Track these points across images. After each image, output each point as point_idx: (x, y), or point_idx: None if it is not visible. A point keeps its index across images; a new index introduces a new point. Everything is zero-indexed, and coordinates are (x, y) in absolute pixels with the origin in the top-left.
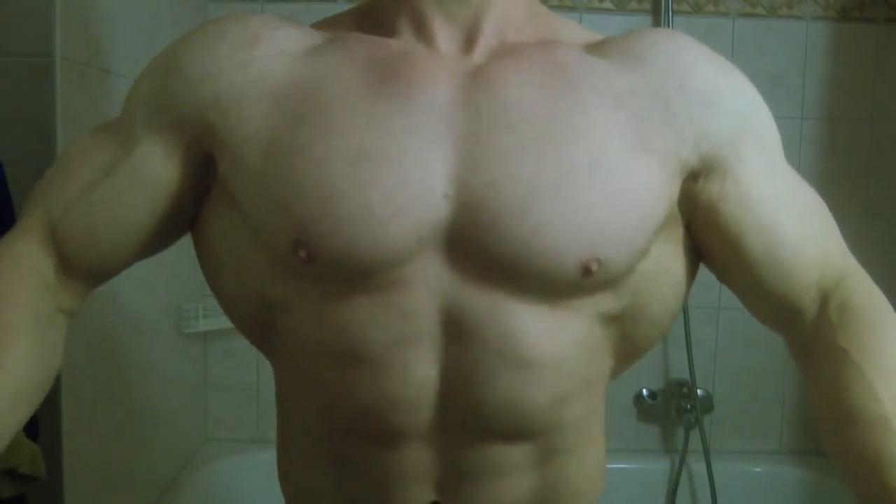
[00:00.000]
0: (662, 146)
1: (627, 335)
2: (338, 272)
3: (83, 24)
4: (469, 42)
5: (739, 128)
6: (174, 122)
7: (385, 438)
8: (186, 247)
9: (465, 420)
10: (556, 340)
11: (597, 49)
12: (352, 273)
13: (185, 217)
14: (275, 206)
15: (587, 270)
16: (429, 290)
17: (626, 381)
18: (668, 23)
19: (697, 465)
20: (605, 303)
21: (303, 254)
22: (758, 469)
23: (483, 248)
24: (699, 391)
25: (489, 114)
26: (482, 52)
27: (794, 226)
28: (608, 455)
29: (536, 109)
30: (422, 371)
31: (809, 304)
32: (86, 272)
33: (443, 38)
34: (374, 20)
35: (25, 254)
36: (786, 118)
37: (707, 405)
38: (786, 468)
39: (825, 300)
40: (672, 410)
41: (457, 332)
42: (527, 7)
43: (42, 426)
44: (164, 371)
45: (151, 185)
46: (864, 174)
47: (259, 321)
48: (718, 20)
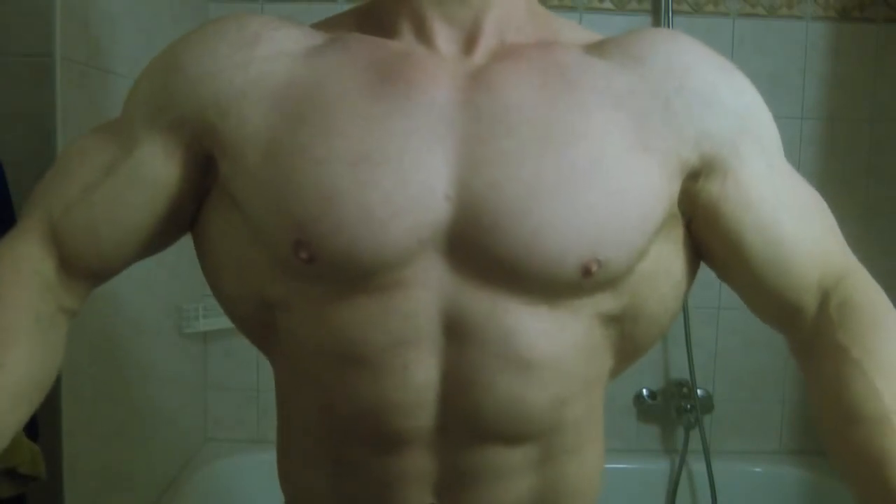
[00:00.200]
0: (662, 146)
1: (627, 335)
2: (338, 273)
3: (83, 24)
4: (469, 43)
5: (739, 128)
6: (174, 122)
7: (384, 441)
8: (186, 247)
9: (466, 423)
10: (556, 341)
11: (597, 49)
12: (352, 274)
13: (186, 217)
14: (275, 207)
15: (587, 271)
16: (429, 292)
17: (626, 381)
18: (668, 23)
19: (697, 465)
20: (605, 303)
21: (304, 254)
22: (758, 469)
23: (483, 250)
24: (699, 391)
25: (490, 115)
26: (482, 54)
27: (795, 225)
28: (608, 455)
29: (537, 111)
30: (422, 374)
31: (810, 303)
32: (87, 272)
33: (443, 40)
34: (375, 21)
35: (26, 254)
36: (786, 118)
37: (707, 405)
38: (786, 468)
39: (826, 298)
40: (672, 410)
41: (457, 334)
42: (527, 8)
43: (42, 426)
44: (164, 371)
45: (152, 186)
46: (864, 174)
47: (259, 321)
48: (718, 20)
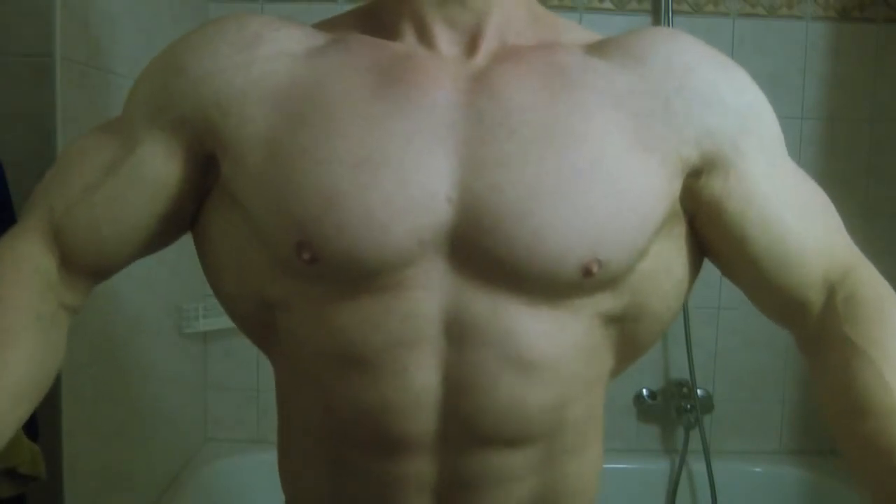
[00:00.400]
0: (663, 146)
1: (628, 334)
2: (340, 274)
3: (83, 24)
4: (471, 46)
5: (740, 126)
6: (175, 122)
7: (384, 443)
8: (187, 246)
9: (466, 426)
10: (556, 341)
11: (597, 49)
12: (354, 275)
13: (186, 217)
14: (276, 207)
15: (588, 271)
16: (430, 293)
17: (626, 381)
18: (668, 23)
19: (697, 465)
20: (605, 303)
21: (307, 255)
22: (758, 469)
23: (484, 251)
24: (699, 391)
25: (491, 118)
26: (484, 56)
27: (798, 221)
28: (608, 455)
29: (537, 113)
30: (422, 376)
31: (815, 298)
32: (88, 270)
33: (444, 42)
34: (377, 22)
35: (27, 253)
36: (786, 118)
37: (707, 405)
38: (786, 468)
39: (832, 293)
40: (672, 410)
41: (457, 335)
42: (528, 10)
43: (42, 426)
44: (164, 371)
45: (152, 185)
46: (864, 174)
47: (259, 321)
48: (718, 20)
